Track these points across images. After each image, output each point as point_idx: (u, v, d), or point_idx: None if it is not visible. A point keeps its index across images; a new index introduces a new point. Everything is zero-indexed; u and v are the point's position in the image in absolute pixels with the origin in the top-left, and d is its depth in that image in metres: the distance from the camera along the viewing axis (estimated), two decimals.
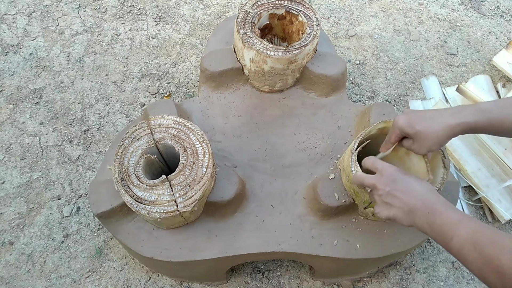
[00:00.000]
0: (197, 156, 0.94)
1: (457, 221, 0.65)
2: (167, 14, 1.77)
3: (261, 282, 1.24)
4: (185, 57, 1.66)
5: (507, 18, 1.84)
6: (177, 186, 0.90)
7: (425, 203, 0.71)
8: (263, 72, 1.15)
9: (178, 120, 0.99)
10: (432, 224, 0.68)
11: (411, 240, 1.01)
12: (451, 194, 1.05)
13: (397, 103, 1.59)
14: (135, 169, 0.93)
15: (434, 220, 0.68)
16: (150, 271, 1.24)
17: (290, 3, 1.19)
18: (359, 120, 1.17)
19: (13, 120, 1.48)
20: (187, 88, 1.58)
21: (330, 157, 1.13)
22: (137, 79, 1.59)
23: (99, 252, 1.26)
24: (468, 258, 0.61)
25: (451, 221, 0.65)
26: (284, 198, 1.07)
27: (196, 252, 0.99)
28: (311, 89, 1.23)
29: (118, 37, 1.69)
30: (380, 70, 1.66)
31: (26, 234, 1.28)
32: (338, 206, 0.98)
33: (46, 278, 1.22)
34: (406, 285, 1.25)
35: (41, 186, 1.36)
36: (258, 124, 1.19)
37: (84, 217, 1.31)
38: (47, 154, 1.42)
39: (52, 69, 1.59)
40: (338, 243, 1.01)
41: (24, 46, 1.64)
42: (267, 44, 1.11)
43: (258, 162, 1.12)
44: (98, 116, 1.50)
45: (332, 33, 1.75)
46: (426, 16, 1.83)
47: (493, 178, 1.32)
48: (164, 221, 0.91)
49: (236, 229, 1.02)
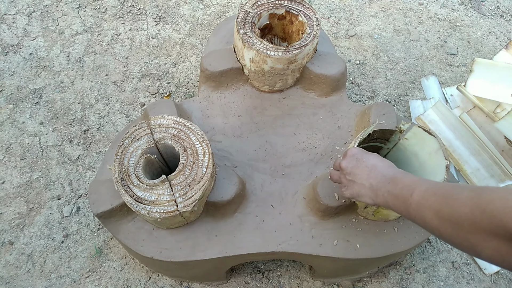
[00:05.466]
0: (197, 156, 0.94)
1: (417, 180, 0.65)
2: (167, 14, 1.77)
3: (261, 282, 1.24)
4: (185, 57, 1.66)
5: (507, 18, 1.84)
6: (177, 186, 0.90)
7: (385, 175, 0.72)
8: (263, 72, 1.15)
9: (178, 120, 0.99)
10: (393, 191, 0.68)
11: (411, 240, 1.01)
12: None
13: (397, 103, 1.59)
14: (135, 169, 0.93)
15: (395, 187, 0.68)
16: (150, 271, 1.24)
17: (290, 3, 1.19)
18: (359, 120, 1.17)
19: (13, 120, 1.48)
20: (187, 88, 1.58)
21: (330, 157, 1.13)
22: (137, 79, 1.59)
23: (99, 252, 1.26)
24: (425, 206, 0.60)
25: (410, 182, 0.66)
26: (284, 198, 1.07)
27: (196, 252, 0.99)
28: (311, 89, 1.23)
29: (118, 37, 1.69)
30: (380, 70, 1.66)
31: (26, 234, 1.28)
32: (338, 206, 0.98)
33: (46, 278, 1.22)
34: (406, 285, 1.25)
35: (41, 186, 1.36)
36: (258, 124, 1.19)
37: (84, 217, 1.31)
38: (47, 154, 1.42)
39: (52, 69, 1.59)
40: (338, 243, 1.01)
41: (24, 46, 1.64)
42: (267, 44, 1.11)
43: (258, 162, 1.12)
44: (98, 116, 1.50)
45: (332, 33, 1.75)
46: (426, 16, 1.83)
47: (492, 178, 1.32)
48: (164, 221, 0.91)
49: (236, 229, 1.02)
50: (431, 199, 0.59)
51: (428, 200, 0.60)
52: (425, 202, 0.60)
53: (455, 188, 0.57)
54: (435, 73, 1.66)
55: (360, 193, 0.78)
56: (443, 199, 0.57)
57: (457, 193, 0.56)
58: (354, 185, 0.79)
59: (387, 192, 0.70)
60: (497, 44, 1.74)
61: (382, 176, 0.73)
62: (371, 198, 0.75)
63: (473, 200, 0.52)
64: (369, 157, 0.79)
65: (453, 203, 0.55)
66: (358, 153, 0.81)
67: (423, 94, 1.60)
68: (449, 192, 0.57)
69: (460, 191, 0.56)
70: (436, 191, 0.60)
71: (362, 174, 0.77)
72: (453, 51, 1.72)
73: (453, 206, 0.55)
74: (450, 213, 0.55)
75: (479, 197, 0.52)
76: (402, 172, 0.72)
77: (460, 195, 0.55)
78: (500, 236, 0.49)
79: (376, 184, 0.73)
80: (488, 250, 0.51)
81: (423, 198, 0.61)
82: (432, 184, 0.62)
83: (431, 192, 0.60)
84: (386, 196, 0.70)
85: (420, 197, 0.62)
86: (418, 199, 0.62)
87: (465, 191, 0.55)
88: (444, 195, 0.58)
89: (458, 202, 0.54)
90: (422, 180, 0.65)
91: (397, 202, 0.67)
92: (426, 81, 1.62)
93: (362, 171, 0.77)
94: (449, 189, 0.58)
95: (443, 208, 0.57)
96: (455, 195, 0.56)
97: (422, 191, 0.62)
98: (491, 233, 0.50)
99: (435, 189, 0.60)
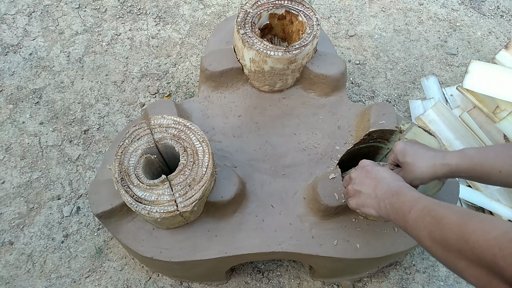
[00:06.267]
0: (197, 156, 0.94)
1: (418, 198, 0.67)
2: (167, 14, 1.77)
3: (261, 282, 1.24)
4: (185, 57, 1.66)
5: (507, 18, 1.84)
6: (177, 186, 0.90)
7: (390, 188, 0.74)
8: (263, 72, 1.15)
9: (178, 120, 0.99)
10: (394, 204, 0.70)
11: (411, 240, 1.01)
12: (451, 194, 1.05)
13: (397, 103, 1.59)
14: (135, 169, 0.93)
15: (397, 201, 0.70)
16: (150, 271, 1.24)
17: (290, 3, 1.19)
18: (359, 120, 1.17)
19: (13, 120, 1.48)
20: (187, 88, 1.58)
21: (330, 157, 1.13)
22: (137, 79, 1.59)
23: (99, 252, 1.26)
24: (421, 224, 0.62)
25: (411, 198, 0.68)
26: (284, 198, 1.07)
27: (196, 252, 0.99)
28: (311, 89, 1.23)
29: (118, 37, 1.69)
30: (380, 70, 1.66)
31: (26, 234, 1.28)
32: (338, 206, 0.98)
33: (46, 278, 1.22)
34: (406, 285, 1.25)
35: (41, 186, 1.36)
36: (258, 124, 1.19)
37: (84, 217, 1.31)
38: (47, 154, 1.42)
39: (52, 69, 1.59)
40: (338, 243, 1.01)
41: (24, 46, 1.64)
42: (267, 44, 1.11)
43: (258, 162, 1.12)
44: (98, 116, 1.50)
45: (332, 33, 1.75)
46: (426, 16, 1.83)
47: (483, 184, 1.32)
48: (164, 221, 0.91)
49: (236, 229, 1.02)
50: (426, 220, 0.62)
51: (423, 220, 0.62)
52: (420, 221, 0.62)
53: (447, 211, 0.59)
54: (435, 73, 1.66)
55: (365, 203, 0.79)
56: (435, 222, 0.59)
57: (448, 217, 0.58)
58: (360, 195, 0.80)
59: (390, 205, 0.71)
60: (497, 44, 1.74)
61: (388, 188, 0.74)
62: (375, 209, 0.77)
63: (460, 228, 0.55)
64: (379, 169, 0.80)
65: (442, 228, 0.58)
66: (369, 165, 0.82)
67: (423, 94, 1.60)
68: (442, 215, 0.59)
69: (451, 215, 0.58)
70: (430, 212, 0.62)
71: (369, 185, 0.79)
72: (453, 51, 1.72)
73: (443, 230, 0.57)
74: (441, 236, 0.58)
75: (465, 226, 0.54)
76: (407, 186, 0.73)
77: (450, 219, 0.57)
78: (482, 266, 0.51)
79: (381, 195, 0.75)
80: (471, 277, 0.53)
81: (419, 217, 0.63)
82: (429, 203, 0.64)
83: (426, 212, 0.62)
84: (388, 209, 0.72)
85: (416, 215, 0.64)
86: (414, 217, 0.64)
87: (455, 216, 0.57)
88: (436, 217, 0.60)
89: (447, 227, 0.57)
90: (422, 198, 0.67)
91: (397, 216, 0.69)
92: (426, 81, 1.62)
93: (370, 182, 0.79)
94: (442, 212, 0.60)
95: (435, 230, 0.59)
96: (446, 219, 0.58)
97: (419, 210, 0.64)
98: (474, 262, 0.52)
99: (430, 210, 0.62)
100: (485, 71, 1.38)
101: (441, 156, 0.79)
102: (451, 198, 1.04)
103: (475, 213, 0.56)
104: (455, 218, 0.56)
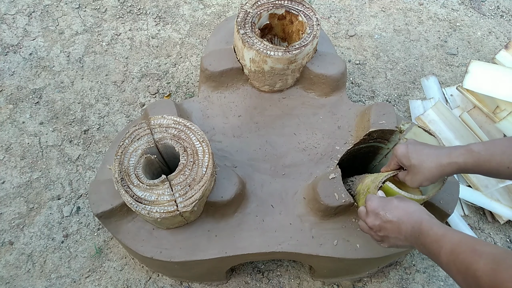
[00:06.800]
0: (197, 156, 0.94)
1: (442, 236, 0.67)
2: (167, 14, 1.77)
3: (261, 282, 1.24)
4: (185, 57, 1.66)
5: (507, 18, 1.84)
6: (177, 186, 0.90)
7: (413, 227, 0.73)
8: (263, 72, 1.15)
9: (178, 120, 0.99)
10: (424, 244, 0.71)
11: None
12: (451, 194, 1.05)
13: (397, 103, 1.59)
14: (135, 169, 0.93)
15: (424, 241, 0.70)
16: (150, 271, 1.24)
17: (290, 3, 1.19)
18: (359, 120, 1.17)
19: (13, 120, 1.48)
20: (187, 88, 1.58)
21: (330, 157, 1.13)
22: (137, 79, 1.59)
23: (99, 252, 1.26)
24: (453, 269, 0.63)
25: (436, 238, 0.68)
26: (284, 198, 1.07)
27: (196, 252, 0.99)
28: (311, 89, 1.23)
29: (118, 37, 1.69)
30: (380, 70, 1.66)
31: (26, 234, 1.28)
32: (338, 206, 0.98)
33: (46, 278, 1.22)
34: (406, 285, 1.25)
35: (41, 186, 1.36)
36: (258, 124, 1.19)
37: (84, 217, 1.31)
38: (47, 154, 1.42)
39: (52, 69, 1.59)
40: (338, 243, 1.01)
41: (24, 46, 1.64)
42: (267, 44, 1.11)
43: (258, 162, 1.12)
44: (98, 116, 1.50)
45: (332, 33, 1.75)
46: (426, 16, 1.83)
47: (491, 178, 1.32)
48: (164, 221, 0.91)
49: (236, 229, 1.02)
50: (457, 265, 0.62)
51: (455, 264, 0.62)
52: (452, 266, 0.63)
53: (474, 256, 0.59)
54: (435, 73, 1.66)
55: (398, 245, 0.79)
56: (465, 269, 0.60)
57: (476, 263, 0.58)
58: (390, 239, 0.79)
59: (422, 246, 0.72)
60: (497, 44, 1.74)
61: (412, 229, 0.73)
62: (410, 246, 0.77)
63: (490, 278, 0.55)
64: (388, 208, 0.78)
65: (473, 275, 0.58)
66: (377, 208, 0.80)
67: (423, 94, 1.60)
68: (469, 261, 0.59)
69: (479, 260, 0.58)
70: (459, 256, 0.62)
71: (392, 230, 0.77)
72: (453, 51, 1.72)
73: (475, 277, 0.58)
74: (475, 282, 0.58)
75: (496, 277, 0.55)
76: (426, 220, 0.72)
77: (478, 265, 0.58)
78: None
79: (409, 237, 0.75)
80: None
81: (450, 261, 0.63)
82: (455, 245, 0.64)
83: (455, 257, 0.62)
84: (422, 249, 0.72)
85: (446, 259, 0.64)
86: (446, 261, 0.65)
87: (483, 262, 0.57)
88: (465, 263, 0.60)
89: (478, 275, 0.57)
90: (446, 236, 0.66)
91: (430, 255, 0.70)
92: (426, 81, 1.62)
93: (391, 227, 0.77)
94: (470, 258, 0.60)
95: (468, 277, 0.59)
96: (475, 264, 0.58)
97: (447, 254, 0.64)
98: None
99: (459, 254, 0.62)
100: (485, 71, 1.38)
101: (447, 153, 0.79)
102: (451, 198, 1.04)
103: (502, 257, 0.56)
104: (483, 265, 0.57)
